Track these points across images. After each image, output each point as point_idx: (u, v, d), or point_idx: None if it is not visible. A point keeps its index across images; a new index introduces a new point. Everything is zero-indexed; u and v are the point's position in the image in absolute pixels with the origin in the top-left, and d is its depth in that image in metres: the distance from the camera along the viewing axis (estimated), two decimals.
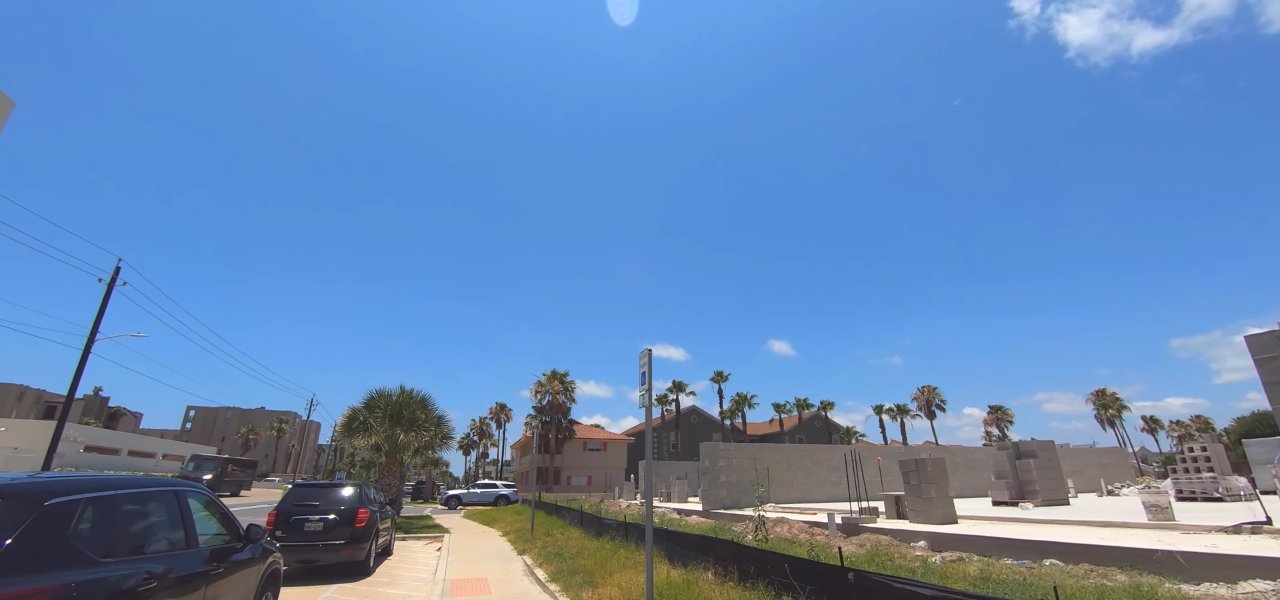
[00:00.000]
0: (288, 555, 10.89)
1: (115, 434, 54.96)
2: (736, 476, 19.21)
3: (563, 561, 11.28)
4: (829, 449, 22.42)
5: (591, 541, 13.19)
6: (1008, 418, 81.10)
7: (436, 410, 23.45)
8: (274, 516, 11.09)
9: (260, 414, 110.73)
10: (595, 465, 56.73)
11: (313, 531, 11.05)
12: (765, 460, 19.90)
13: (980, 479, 23.90)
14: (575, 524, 16.53)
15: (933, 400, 76.24)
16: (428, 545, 16.76)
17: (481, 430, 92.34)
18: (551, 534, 15.61)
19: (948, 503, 11.86)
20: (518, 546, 14.93)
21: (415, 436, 22.07)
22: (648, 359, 7.07)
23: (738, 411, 72.26)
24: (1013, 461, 17.39)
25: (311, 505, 11.37)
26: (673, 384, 64.36)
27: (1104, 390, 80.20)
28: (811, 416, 77.51)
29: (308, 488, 11.93)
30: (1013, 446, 17.84)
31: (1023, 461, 17.12)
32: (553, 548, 13.18)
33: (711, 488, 18.81)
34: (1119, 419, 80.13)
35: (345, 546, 11.11)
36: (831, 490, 21.20)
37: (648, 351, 7.12)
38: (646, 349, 7.13)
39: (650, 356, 7.07)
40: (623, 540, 12.06)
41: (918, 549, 8.95)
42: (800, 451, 21.35)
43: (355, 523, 11.35)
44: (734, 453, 19.60)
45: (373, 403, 22.09)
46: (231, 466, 44.52)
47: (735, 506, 18.77)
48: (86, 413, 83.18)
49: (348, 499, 11.72)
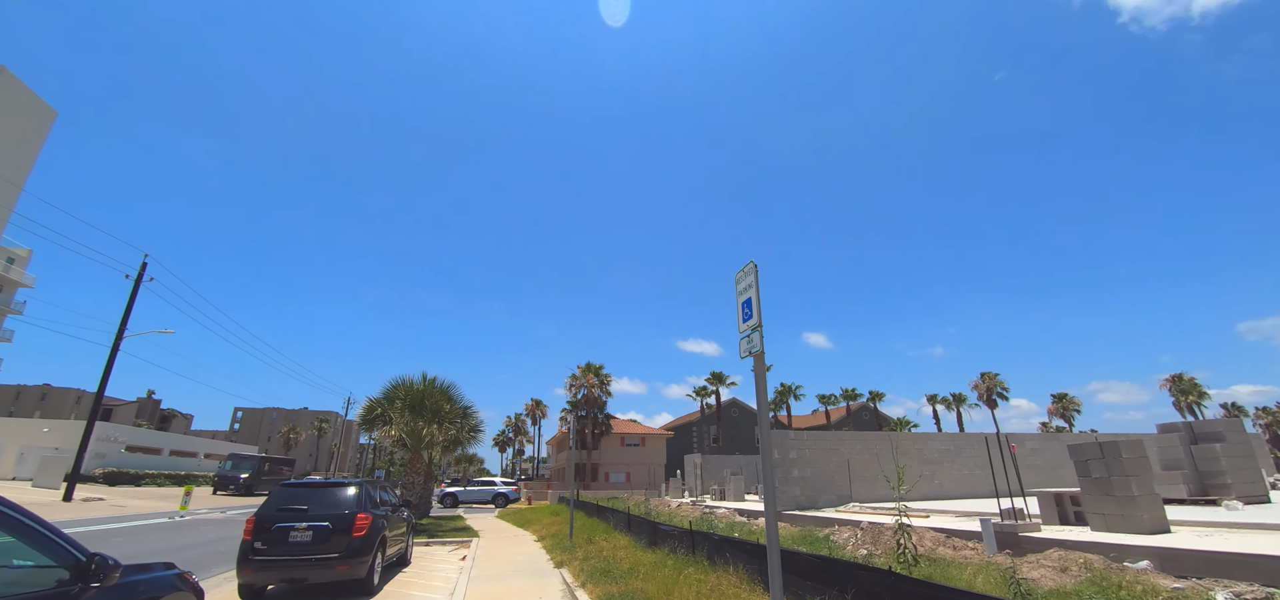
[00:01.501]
0: (268, 573, 8.66)
1: (156, 434, 55.64)
2: (811, 471, 16.22)
3: (613, 582, 8.71)
4: (921, 437, 19.11)
5: (645, 553, 10.59)
6: (1074, 407, 74.85)
7: (462, 401, 21.30)
8: (253, 524, 8.88)
9: (303, 414, 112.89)
10: (634, 461, 54.25)
11: (299, 543, 8.79)
12: (844, 451, 16.86)
13: None
14: (622, 528, 13.96)
15: (994, 388, 70.75)
16: (453, 552, 14.54)
17: (517, 427, 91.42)
18: (594, 541, 13.09)
19: (1155, 504, 8.75)
20: (555, 556, 12.46)
21: (440, 429, 19.84)
22: (752, 278, 4.37)
23: (781, 403, 68.71)
24: (1188, 447, 13.85)
25: (298, 510, 9.12)
26: (711, 375, 61.32)
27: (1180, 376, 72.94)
28: (859, 408, 73.24)
29: (296, 488, 9.69)
30: (1186, 428, 14.08)
31: (1202, 447, 13.54)
32: (597, 560, 10.64)
33: (782, 484, 15.82)
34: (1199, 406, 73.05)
35: (340, 561, 8.82)
36: (924, 487, 17.95)
37: (752, 266, 4.43)
38: (750, 263, 4.44)
39: (756, 275, 4.37)
40: (687, 552, 9.39)
41: (1145, 573, 6.02)
42: (884, 441, 18.08)
43: (352, 531, 9.06)
44: (808, 444, 16.58)
45: (392, 393, 20.05)
46: (268, 465, 44.28)
47: (811, 506, 15.83)
48: (139, 414, 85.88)
49: (344, 501, 9.44)
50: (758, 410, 4.22)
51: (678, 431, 66.14)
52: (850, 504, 16.32)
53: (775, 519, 3.89)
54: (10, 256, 54.69)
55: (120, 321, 31.67)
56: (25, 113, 49.25)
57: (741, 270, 4.50)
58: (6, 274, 53.86)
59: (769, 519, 3.93)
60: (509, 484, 40.94)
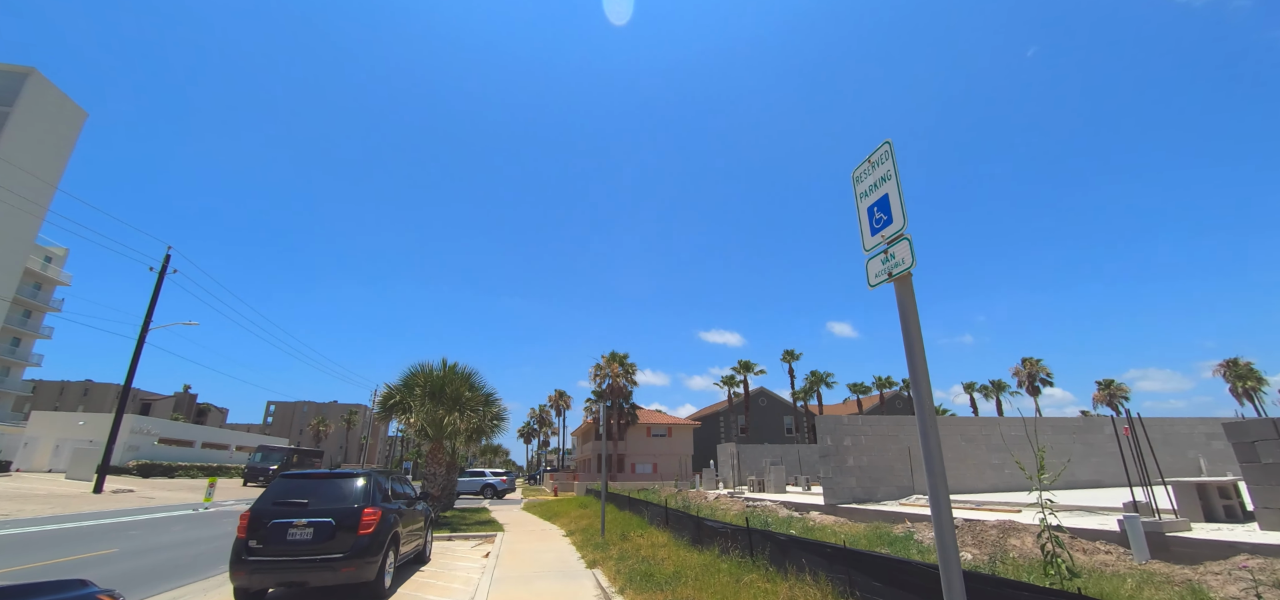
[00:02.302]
0: (264, 575, 7.56)
1: (189, 426, 56.56)
2: (867, 459, 14.55)
3: (656, 588, 7.41)
4: (988, 421, 17.20)
5: (691, 553, 9.24)
6: (1122, 394, 70.88)
7: (484, 387, 20.21)
8: (247, 520, 7.82)
9: (332, 407, 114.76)
10: (660, 452, 52.99)
11: (298, 541, 7.69)
12: (904, 438, 15.14)
13: (1183, 459, 18.04)
14: (659, 524, 12.63)
15: (1035, 374, 67.40)
16: (476, 547, 13.47)
17: (541, 418, 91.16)
18: (629, 537, 11.81)
19: None
20: (587, 555, 11.21)
21: (462, 418, 18.77)
22: (888, 165, 2.95)
23: (812, 392, 66.46)
24: None
25: (298, 504, 8.02)
26: (739, 364, 59.68)
27: (1235, 361, 68.19)
28: (893, 396, 70.57)
29: (296, 479, 8.59)
30: None
31: None
32: (635, 560, 9.34)
33: (836, 474, 14.19)
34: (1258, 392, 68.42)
35: (345, 562, 7.69)
36: (994, 477, 16.14)
37: (885, 149, 3.00)
38: (883, 144, 3.01)
39: (893, 158, 2.94)
40: (743, 554, 8.01)
41: None
42: (949, 427, 16.23)
43: (359, 528, 7.92)
44: (864, 430, 14.88)
45: (411, 380, 19.06)
46: (297, 456, 44.63)
47: (870, 499, 14.19)
48: (176, 409, 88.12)
49: (350, 494, 8.31)
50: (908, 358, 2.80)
51: (705, 421, 64.71)
52: (913, 496, 14.67)
53: (950, 524, 2.49)
54: (48, 255, 56.02)
55: (146, 314, 31.71)
56: (57, 114, 50.17)
57: (866, 161, 3.09)
58: (44, 272, 55.21)
59: (941, 525, 2.54)
60: (498, 474, 39.75)
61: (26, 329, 54.64)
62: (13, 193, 41.89)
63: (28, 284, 52.90)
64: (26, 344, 55.54)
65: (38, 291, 55.32)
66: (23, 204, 43.47)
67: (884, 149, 3.00)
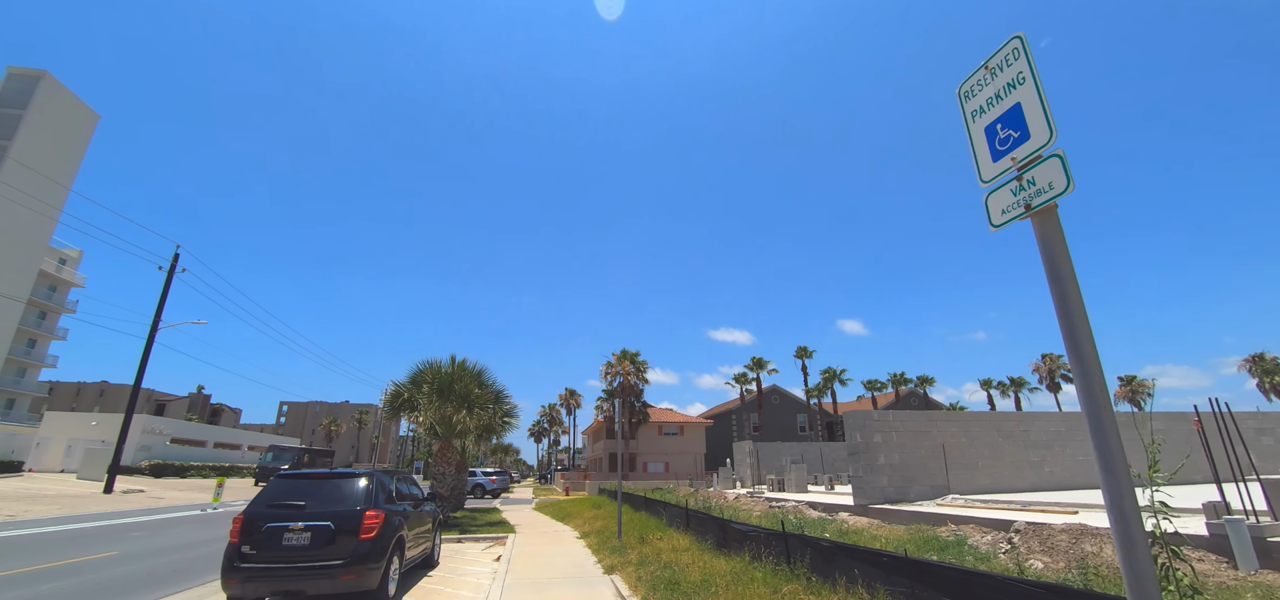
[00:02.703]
0: (258, 583, 6.97)
1: (201, 426, 56.76)
2: (899, 457, 13.72)
3: (682, 597, 6.73)
4: (1026, 417, 16.26)
5: (716, 559, 8.55)
6: (1145, 390, 69.09)
7: (494, 385, 19.61)
8: (241, 523, 7.25)
9: (344, 407, 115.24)
10: (673, 451, 52.31)
11: (294, 547, 7.11)
12: (938, 435, 14.30)
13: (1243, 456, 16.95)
14: (679, 525, 11.94)
15: (1056, 370, 65.65)
16: (486, 551, 12.87)
17: (552, 417, 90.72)
18: (648, 540, 11.13)
19: None
20: (603, 559, 10.55)
21: (471, 416, 18.18)
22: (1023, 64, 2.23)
23: (825, 389, 65.38)
24: None
25: (294, 506, 7.44)
26: (752, 361, 58.78)
27: (1262, 355, 66.23)
28: (908, 393, 69.31)
29: (294, 479, 8.01)
30: None
31: None
32: (656, 565, 8.67)
33: (866, 473, 13.36)
34: None
35: (345, 569, 7.10)
36: (1033, 476, 15.25)
37: (1016, 44, 2.28)
38: (1014, 38, 2.30)
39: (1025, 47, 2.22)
40: (778, 560, 7.30)
41: None
42: (985, 423, 15.36)
43: (360, 531, 7.33)
44: (895, 426, 14.03)
45: (419, 377, 18.50)
46: (308, 456, 44.45)
47: (902, 499, 13.37)
48: (190, 409, 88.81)
49: (350, 495, 7.72)
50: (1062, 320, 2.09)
51: (717, 420, 63.90)
52: (949, 496, 13.83)
53: (1145, 542, 1.79)
54: (62, 257, 56.40)
55: (155, 313, 31.61)
56: (70, 117, 50.41)
57: (981, 68, 2.38)
58: (59, 274, 55.58)
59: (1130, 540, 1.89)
60: (489, 474, 39.41)
61: (41, 330, 55.04)
62: (27, 195, 42.08)
63: (42, 286, 53.26)
64: (42, 345, 55.94)
65: (52, 293, 55.71)
66: (37, 206, 43.66)
67: (1013, 45, 2.27)
